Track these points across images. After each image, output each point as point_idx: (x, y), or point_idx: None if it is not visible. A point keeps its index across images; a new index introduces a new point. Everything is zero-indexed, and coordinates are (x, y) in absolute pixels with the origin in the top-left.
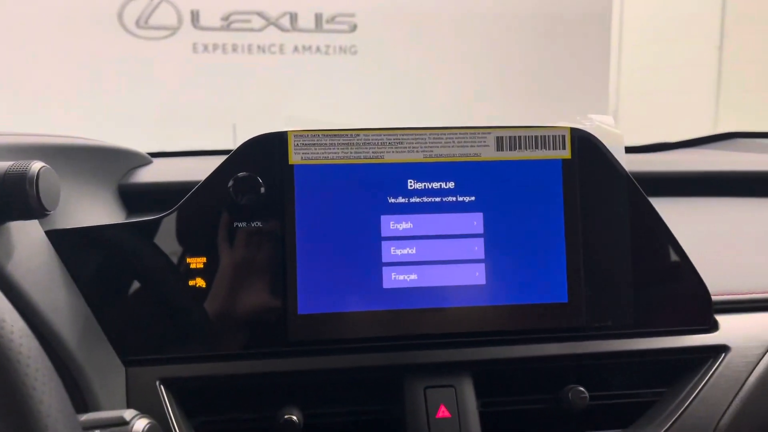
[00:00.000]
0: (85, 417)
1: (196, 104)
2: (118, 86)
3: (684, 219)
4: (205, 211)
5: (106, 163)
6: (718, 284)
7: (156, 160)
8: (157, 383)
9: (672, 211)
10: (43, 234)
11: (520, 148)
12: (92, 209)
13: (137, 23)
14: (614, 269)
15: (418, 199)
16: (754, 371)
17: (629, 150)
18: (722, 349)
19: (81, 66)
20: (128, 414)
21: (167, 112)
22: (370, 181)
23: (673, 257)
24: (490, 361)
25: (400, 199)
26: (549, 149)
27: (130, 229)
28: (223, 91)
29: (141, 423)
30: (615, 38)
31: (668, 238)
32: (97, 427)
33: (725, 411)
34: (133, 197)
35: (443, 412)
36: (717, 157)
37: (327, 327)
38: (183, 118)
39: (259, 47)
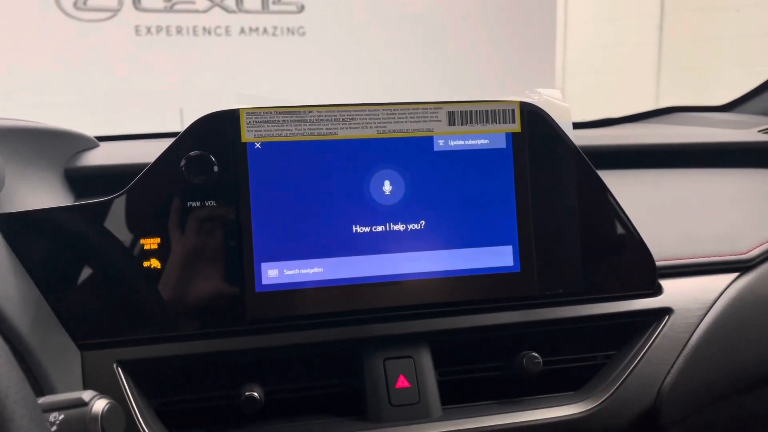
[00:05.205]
0: (42, 400)
1: (140, 88)
2: (57, 71)
3: (628, 190)
4: (158, 191)
5: (51, 146)
6: (661, 251)
7: (103, 144)
8: (114, 366)
9: (617, 183)
10: None
11: (471, 122)
12: (38, 193)
13: (75, 4)
14: (564, 239)
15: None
16: (696, 331)
17: (575, 126)
18: (666, 311)
19: (14, 50)
20: (87, 395)
21: (110, 97)
22: (324, 158)
23: (619, 226)
24: (447, 331)
25: (355, 175)
26: (499, 123)
27: (80, 211)
28: (169, 74)
29: (100, 403)
30: (560, 17)
31: (614, 208)
32: (55, 410)
33: (669, 370)
34: (81, 181)
35: (403, 382)
36: (659, 130)
37: (285, 303)
38: (128, 102)
39: (204, 29)
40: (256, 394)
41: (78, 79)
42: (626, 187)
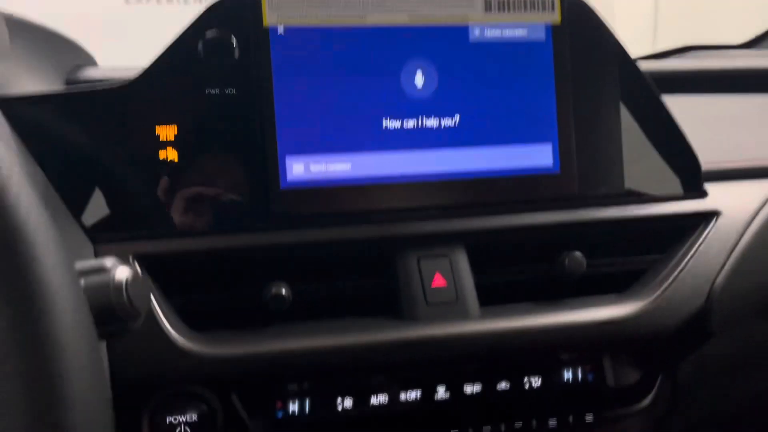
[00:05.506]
0: None
1: (130, 59)
2: None
3: None
4: (174, 77)
5: (57, 51)
6: (705, 156)
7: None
8: (131, 259)
9: None
10: None
11: (508, 9)
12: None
13: None
14: (606, 138)
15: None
16: (745, 234)
17: None
18: (713, 214)
19: None
20: (108, 261)
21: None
22: (352, 46)
23: (665, 126)
24: (482, 230)
25: (385, 65)
26: (538, 11)
27: (92, 96)
28: (160, 44)
29: (123, 270)
30: None
31: (659, 107)
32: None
33: (719, 271)
34: None
35: (438, 281)
36: (681, 62)
37: (312, 201)
38: None
39: None
40: (283, 290)
41: None
42: None
